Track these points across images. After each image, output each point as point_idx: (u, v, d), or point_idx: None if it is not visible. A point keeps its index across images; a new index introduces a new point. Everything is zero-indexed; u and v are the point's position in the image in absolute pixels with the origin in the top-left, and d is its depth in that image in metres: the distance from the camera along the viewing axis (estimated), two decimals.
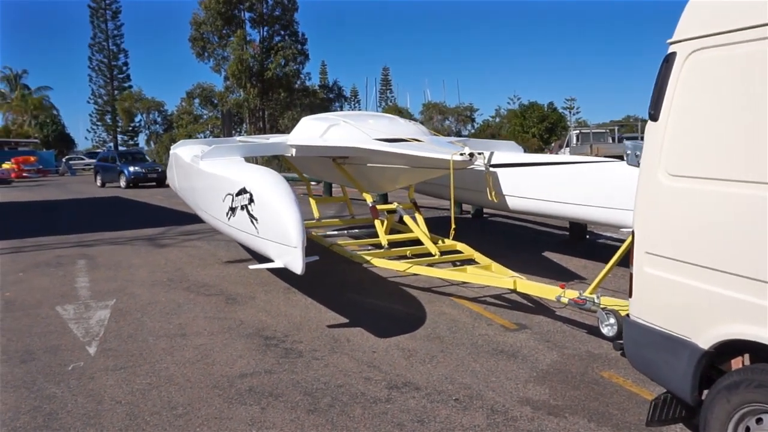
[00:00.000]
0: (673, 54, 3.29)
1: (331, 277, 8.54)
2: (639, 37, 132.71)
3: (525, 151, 11.41)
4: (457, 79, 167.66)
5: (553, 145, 46.61)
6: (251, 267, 6.72)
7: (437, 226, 9.59)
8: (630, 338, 3.63)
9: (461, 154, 7.13)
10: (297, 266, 5.60)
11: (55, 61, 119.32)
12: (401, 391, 4.73)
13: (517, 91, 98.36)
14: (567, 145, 32.12)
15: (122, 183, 29.77)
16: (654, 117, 3.38)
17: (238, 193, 6.67)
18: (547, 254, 10.10)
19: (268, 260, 6.29)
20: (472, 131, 61.46)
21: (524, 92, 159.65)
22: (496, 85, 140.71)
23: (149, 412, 4.41)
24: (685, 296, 3.18)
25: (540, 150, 46.92)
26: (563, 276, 8.46)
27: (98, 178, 32.04)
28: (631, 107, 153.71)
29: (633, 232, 3.57)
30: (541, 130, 57.48)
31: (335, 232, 11.04)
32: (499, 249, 9.37)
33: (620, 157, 24.08)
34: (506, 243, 11.18)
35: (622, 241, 10.98)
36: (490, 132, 59.07)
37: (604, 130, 33.65)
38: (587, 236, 11.62)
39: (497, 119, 68.41)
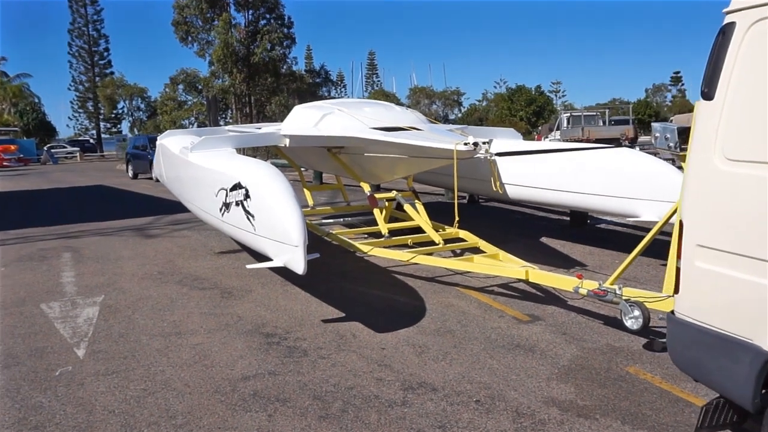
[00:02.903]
0: (732, 24, 2.95)
1: (329, 267, 8.18)
2: (623, 20, 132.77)
3: None
4: (443, 63, 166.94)
5: (540, 128, 46.27)
6: (249, 267, 6.36)
7: (432, 212, 9.22)
8: (676, 338, 3.31)
9: (465, 144, 6.82)
10: (299, 266, 5.27)
11: (35, 47, 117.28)
12: (417, 393, 4.41)
13: (504, 75, 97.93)
14: (557, 128, 31.77)
15: (153, 174, 25.42)
16: (708, 95, 3.04)
17: (233, 188, 6.32)
18: (549, 241, 9.82)
19: (266, 258, 5.96)
20: (459, 115, 61.10)
21: (510, 76, 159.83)
22: (483, 68, 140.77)
23: (146, 422, 4.05)
24: (746, 294, 2.86)
25: (528, 133, 46.66)
26: (569, 263, 8.19)
27: (129, 168, 27.56)
28: (616, 90, 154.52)
29: (680, 223, 3.24)
30: (529, 113, 57.26)
31: (330, 221, 10.68)
32: (498, 236, 9.06)
33: (613, 140, 23.93)
34: (505, 229, 10.86)
35: (625, 226, 10.82)
36: (477, 116, 58.78)
37: (594, 113, 33.32)
38: (588, 221, 11.33)
39: (484, 103, 68.16)
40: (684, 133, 4.41)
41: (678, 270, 3.27)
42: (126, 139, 51.91)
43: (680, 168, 19.33)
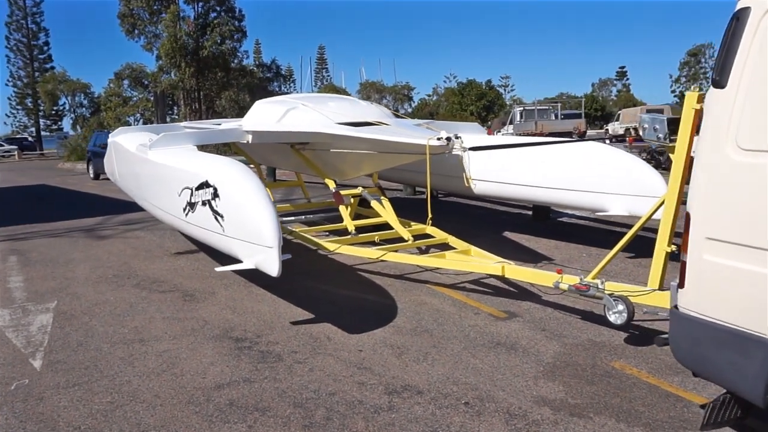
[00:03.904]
0: (746, 10, 2.86)
1: (294, 267, 7.87)
2: (569, 14, 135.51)
3: None
4: (393, 58, 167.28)
5: (491, 123, 46.69)
6: (218, 269, 6.05)
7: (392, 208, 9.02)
8: (681, 334, 3.23)
9: (438, 139, 6.65)
10: (273, 268, 5.03)
11: None
12: (402, 397, 4.24)
13: (453, 69, 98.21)
14: (510, 123, 32.05)
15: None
16: (720, 83, 2.95)
17: (199, 187, 6.01)
18: (513, 235, 9.77)
19: (232, 259, 5.70)
20: (410, 110, 61.23)
21: (459, 70, 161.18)
22: (432, 63, 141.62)
23: None
24: (759, 287, 2.78)
25: None
26: (536, 258, 8.15)
27: (90, 168, 24.75)
28: (563, 84, 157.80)
29: (687, 215, 3.14)
30: (479, 108, 57.75)
31: (291, 218, 10.39)
32: (462, 231, 8.89)
33: (566, 134, 24.27)
34: (468, 225, 10.76)
35: (587, 219, 10.88)
36: (428, 110, 59.01)
37: (547, 107, 33.75)
38: (550, 215, 11.36)
39: (434, 97, 68.49)
40: (673, 124, 4.35)
41: (683, 264, 3.18)
42: (67, 137, 50.09)
43: (666, 159, 19.44)
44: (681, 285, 3.19)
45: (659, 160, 17.80)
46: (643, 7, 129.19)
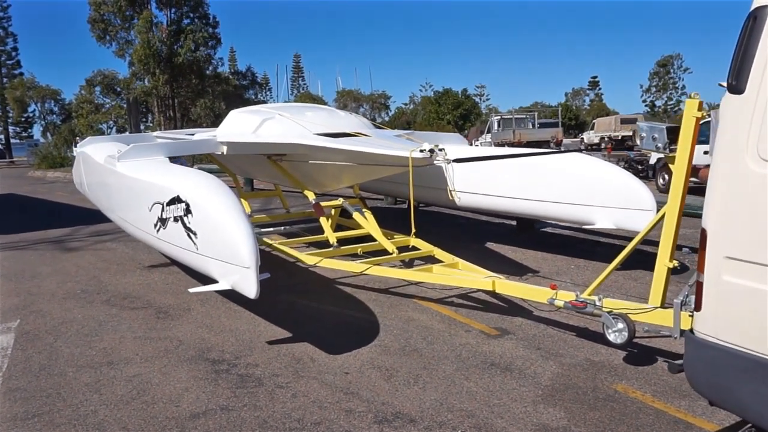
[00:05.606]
0: (764, 8, 2.63)
1: (273, 281, 7.51)
2: (542, 24, 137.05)
3: None
4: (368, 66, 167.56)
5: (468, 132, 46.65)
6: (192, 290, 5.63)
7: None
8: (699, 361, 2.97)
9: (421, 151, 6.38)
10: (251, 289, 4.69)
11: None
12: (394, 426, 3.93)
13: (429, 78, 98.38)
14: (488, 131, 31.99)
15: None
16: (737, 89, 2.71)
17: (170, 203, 5.65)
18: (498, 247, 9.53)
19: (208, 279, 5.35)
20: (387, 119, 61.15)
21: (435, 79, 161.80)
22: (408, 72, 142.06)
23: None
24: None
25: None
26: (523, 270, 7.92)
27: None
28: (536, 94, 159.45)
29: (703, 232, 2.90)
30: (456, 116, 57.79)
31: (270, 229, 10.03)
32: (446, 242, 8.62)
33: (543, 143, 24.21)
34: (450, 235, 10.48)
35: (572, 230, 10.69)
36: (405, 119, 58.97)
37: (524, 116, 33.75)
38: (534, 225, 11.15)
39: (411, 106, 68.53)
40: (673, 133, 4.13)
41: (699, 284, 2.93)
42: (38, 145, 49.01)
43: (644, 168, 19.13)
44: (698, 308, 2.94)
45: (637, 169, 17.78)
46: (614, 17, 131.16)
